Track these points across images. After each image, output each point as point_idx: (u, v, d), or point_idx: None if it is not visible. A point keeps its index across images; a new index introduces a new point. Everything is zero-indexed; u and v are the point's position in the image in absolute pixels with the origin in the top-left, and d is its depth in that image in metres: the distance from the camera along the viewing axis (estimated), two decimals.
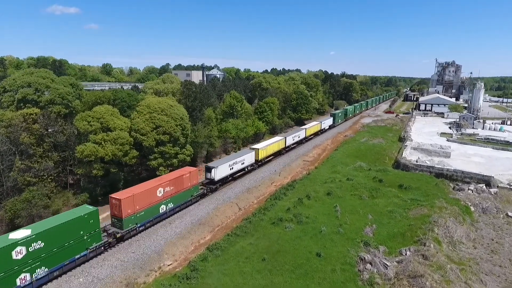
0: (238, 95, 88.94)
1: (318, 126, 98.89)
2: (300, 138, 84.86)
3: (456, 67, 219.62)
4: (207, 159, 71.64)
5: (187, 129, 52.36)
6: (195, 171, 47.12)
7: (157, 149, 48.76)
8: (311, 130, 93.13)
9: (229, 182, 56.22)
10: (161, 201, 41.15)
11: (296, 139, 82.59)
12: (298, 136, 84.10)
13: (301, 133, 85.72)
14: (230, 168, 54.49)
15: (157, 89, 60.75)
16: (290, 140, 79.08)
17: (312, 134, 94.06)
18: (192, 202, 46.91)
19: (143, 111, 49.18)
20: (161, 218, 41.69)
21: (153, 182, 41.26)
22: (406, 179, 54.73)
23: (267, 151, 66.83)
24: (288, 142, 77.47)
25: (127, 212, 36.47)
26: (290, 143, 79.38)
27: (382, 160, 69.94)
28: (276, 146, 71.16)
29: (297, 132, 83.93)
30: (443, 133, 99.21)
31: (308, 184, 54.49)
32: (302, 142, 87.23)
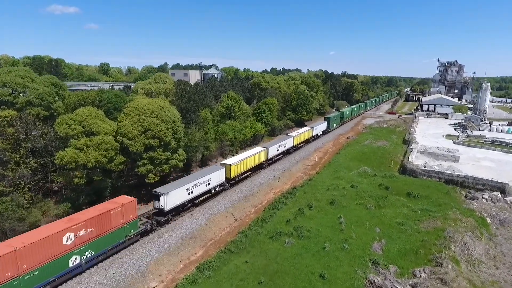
0: (235, 96, 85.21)
1: (309, 133, 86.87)
2: (286, 147, 73.53)
3: (459, 67, 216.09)
4: (203, 164, 67.91)
5: (179, 132, 48.57)
6: (131, 203, 35.48)
7: (146, 155, 44.95)
8: (301, 137, 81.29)
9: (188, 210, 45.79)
10: (72, 250, 29.53)
11: (281, 149, 71.07)
12: (285, 145, 72.57)
13: (287, 142, 74.05)
14: (188, 193, 43.54)
15: (148, 89, 57.03)
16: (274, 151, 67.50)
17: (302, 142, 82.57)
18: (127, 244, 35.48)
19: (131, 113, 45.38)
20: (74, 273, 30.19)
21: (58, 225, 29.65)
22: (415, 186, 50.99)
23: (242, 166, 55.59)
24: (271, 153, 65.89)
25: (5, 276, 24.93)
26: (274, 155, 67.78)
27: (387, 164, 66.20)
28: (255, 159, 59.85)
29: (282, 141, 71.69)
30: (449, 135, 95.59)
31: (309, 191, 50.74)
32: (289, 152, 76.16)
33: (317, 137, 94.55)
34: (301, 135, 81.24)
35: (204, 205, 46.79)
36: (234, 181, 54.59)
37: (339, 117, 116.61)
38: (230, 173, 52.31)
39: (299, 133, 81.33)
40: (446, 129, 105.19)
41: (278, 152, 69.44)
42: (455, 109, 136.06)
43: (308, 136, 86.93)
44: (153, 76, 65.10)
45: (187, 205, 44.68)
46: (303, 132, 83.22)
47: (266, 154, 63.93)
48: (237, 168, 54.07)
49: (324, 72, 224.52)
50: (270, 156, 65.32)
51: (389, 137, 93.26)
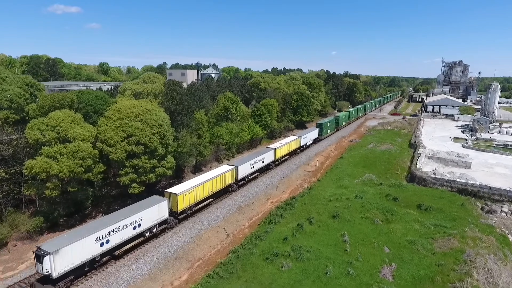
0: (232, 96, 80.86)
1: (295, 143, 73.96)
2: (265, 163, 59.99)
3: (464, 67, 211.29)
4: (196, 169, 63.62)
5: (167, 137, 44.25)
6: None
7: (129, 163, 40.68)
8: (284, 149, 68.43)
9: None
10: None
11: (258, 165, 57.34)
12: (262, 160, 58.77)
13: (266, 156, 60.43)
14: (100, 243, 30.44)
15: (136, 90, 52.75)
16: (246, 169, 53.76)
17: (286, 154, 69.82)
18: None
19: (113, 117, 41.11)
20: None
21: None
22: (426, 197, 46.52)
23: (196, 194, 42.15)
24: (242, 172, 52.32)
25: None
26: (247, 174, 54.08)
27: (393, 170, 61.71)
28: (218, 183, 46.60)
29: (259, 156, 58.18)
30: (457, 138, 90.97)
31: (309, 202, 46.35)
32: (269, 168, 63.07)
33: (307, 147, 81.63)
34: (284, 146, 68.33)
35: (193, 218, 42.41)
36: (185, 214, 41.47)
37: (333, 122, 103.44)
38: (177, 205, 39.28)
39: (282, 144, 68.28)
40: (453, 132, 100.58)
41: (253, 169, 56.22)
42: (462, 110, 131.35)
43: (295, 147, 74.13)
44: (141, 76, 61.02)
45: (100, 260, 31.34)
46: (288, 142, 70.42)
47: (235, 174, 51.14)
48: (188, 198, 41.10)
49: (326, 72, 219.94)
50: (240, 176, 52.00)
51: (394, 140, 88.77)
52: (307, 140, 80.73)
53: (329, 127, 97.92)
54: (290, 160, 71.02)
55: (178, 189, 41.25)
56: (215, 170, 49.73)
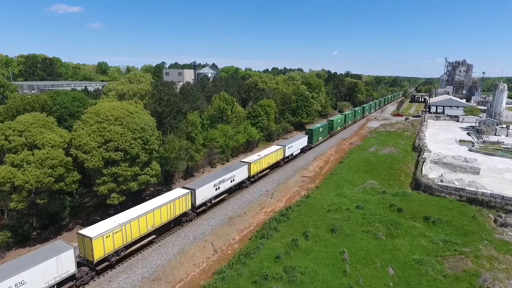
0: (228, 97, 77.28)
1: (278, 154, 62.87)
2: (235, 181, 49.40)
3: (467, 67, 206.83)
4: (187, 175, 59.93)
5: (151, 142, 40.59)
6: None
7: (107, 171, 37.03)
8: (264, 162, 57.27)
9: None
10: None
11: (224, 186, 46.68)
12: (232, 178, 48.24)
13: (238, 173, 49.89)
14: None
15: (120, 91, 49.15)
16: (208, 192, 43.28)
17: (266, 168, 59.01)
18: None
19: (90, 120, 37.51)
20: None
21: None
22: (433, 207, 42.69)
23: (123, 235, 31.52)
24: (202, 196, 42.08)
25: None
26: (209, 197, 43.58)
27: (397, 176, 57.91)
28: (162, 214, 35.92)
29: (226, 174, 47.18)
30: (462, 140, 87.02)
31: (306, 213, 42.58)
32: (243, 186, 52.46)
33: (293, 157, 70.92)
34: (263, 159, 57.11)
35: (177, 232, 38.71)
36: (109, 263, 31.15)
37: (326, 128, 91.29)
38: (93, 253, 28.44)
39: (260, 156, 56.89)
40: (458, 134, 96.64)
41: (218, 191, 45.40)
42: (466, 111, 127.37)
43: (277, 159, 63.03)
44: (127, 75, 57.35)
45: None
46: (267, 154, 59.01)
47: (191, 200, 40.61)
48: (113, 241, 30.36)
49: (327, 72, 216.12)
50: (200, 202, 41.79)
51: (396, 142, 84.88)
52: (293, 149, 69.78)
53: (321, 133, 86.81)
54: (288, 164, 67.24)
55: (97, 229, 29.92)
56: (164, 196, 38.83)
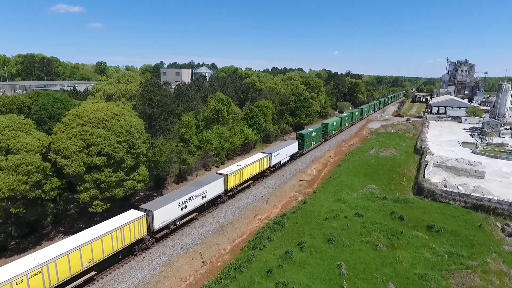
0: (224, 97, 75.07)
1: (263, 163, 55.72)
2: (208, 197, 42.45)
3: (470, 67, 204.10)
4: (180, 179, 57.60)
5: (137, 146, 38.27)
6: None
7: (89, 177, 34.73)
8: (244, 173, 50.33)
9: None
10: None
11: (194, 204, 39.82)
12: (203, 194, 41.42)
13: (211, 187, 43.02)
14: None
15: (108, 92, 46.82)
16: (170, 212, 36.26)
17: (247, 179, 52.13)
18: None
19: (71, 123, 35.22)
20: None
21: None
22: (436, 215, 40.31)
23: (44, 279, 24.75)
24: (162, 219, 35.16)
25: None
26: (172, 219, 36.57)
27: (398, 180, 55.49)
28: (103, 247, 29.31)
29: (197, 189, 40.51)
30: (465, 142, 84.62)
31: (302, 221, 40.25)
32: (218, 202, 45.56)
33: (281, 165, 63.91)
34: (244, 170, 50.07)
35: (164, 242, 36.35)
36: None
37: (319, 132, 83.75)
38: None
39: (241, 167, 49.82)
40: (461, 135, 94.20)
41: (185, 211, 38.51)
42: (469, 112, 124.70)
43: (262, 168, 55.90)
44: (116, 75, 55.02)
45: None
46: (249, 164, 51.84)
47: (147, 223, 34.02)
48: None
49: (327, 72, 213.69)
50: (159, 225, 34.94)
51: (398, 144, 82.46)
52: (280, 157, 62.29)
53: (314, 137, 79.74)
54: (285, 168, 64.86)
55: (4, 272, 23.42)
56: (112, 221, 31.97)
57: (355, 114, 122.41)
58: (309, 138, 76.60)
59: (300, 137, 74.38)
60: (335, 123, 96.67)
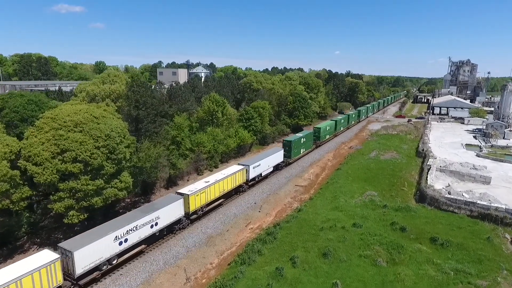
0: (219, 98, 72.34)
1: (238, 177, 48.10)
2: (160, 224, 35.03)
3: (472, 67, 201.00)
4: (170, 183, 54.86)
5: (119, 151, 35.55)
6: None
7: (64, 185, 32.01)
8: (214, 190, 42.73)
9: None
10: None
11: (139, 236, 32.69)
12: (153, 222, 34.03)
13: (164, 212, 35.44)
14: None
15: (91, 92, 44.06)
16: (103, 251, 29.17)
17: (217, 198, 44.04)
18: None
19: (45, 127, 32.53)
20: None
21: None
22: (440, 226, 37.48)
23: None
24: (84, 263, 27.51)
25: None
26: (102, 260, 29.11)
27: (399, 186, 52.68)
28: None
29: (145, 216, 33.10)
30: (469, 144, 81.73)
31: (296, 231, 37.47)
32: (175, 229, 38.02)
33: (262, 178, 55.80)
34: (211, 187, 42.12)
35: (145, 256, 33.55)
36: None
37: (310, 138, 75.50)
38: None
39: (208, 183, 41.94)
40: (464, 137, 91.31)
41: (123, 246, 30.96)
42: (472, 113, 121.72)
43: (236, 183, 48.09)
44: (100, 75, 52.25)
45: None
46: (220, 179, 43.91)
47: (60, 270, 26.55)
48: None
49: (327, 72, 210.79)
50: (82, 270, 27.52)
51: (399, 147, 79.61)
52: (261, 168, 54.25)
53: (303, 144, 71.49)
54: (280, 172, 62.08)
55: None
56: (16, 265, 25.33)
57: (352, 117, 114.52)
58: (297, 145, 68.56)
59: (286, 144, 65.98)
60: (328, 127, 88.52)
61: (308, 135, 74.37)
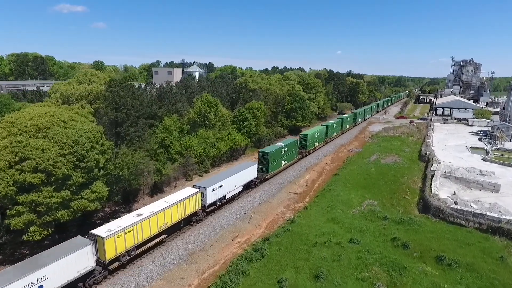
0: (211, 99, 68.85)
1: (189, 203, 37.64)
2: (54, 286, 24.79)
3: (475, 66, 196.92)
4: (156, 190, 51.25)
5: (89, 159, 31.96)
6: None
7: (22, 198, 28.43)
8: (150, 226, 32.43)
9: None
10: None
11: None
12: (37, 285, 23.56)
13: (59, 267, 25.11)
14: None
15: (64, 93, 40.45)
16: None
17: (154, 235, 33.42)
18: None
19: (2, 132, 28.96)
20: None
21: None
22: (447, 241, 33.70)
23: None
24: None
25: None
26: None
27: (401, 194, 48.94)
28: None
29: (23, 276, 22.70)
30: (474, 147, 77.86)
31: (287, 247, 33.80)
32: None
33: (226, 201, 45.54)
34: (146, 221, 32.11)
35: (114, 279, 29.84)
36: None
37: (294, 146, 64.42)
38: None
39: (141, 217, 31.94)
40: (469, 139, 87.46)
41: None
42: (477, 113, 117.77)
43: (187, 212, 37.56)
44: (76, 74, 48.55)
45: None
46: (162, 209, 33.91)
47: None
48: None
49: (328, 71, 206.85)
50: None
51: (400, 150, 75.81)
52: (225, 190, 43.70)
53: (284, 155, 59.87)
54: (275, 177, 58.37)
55: None
56: None
57: (346, 120, 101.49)
58: (277, 157, 57.01)
59: (262, 156, 54.75)
60: (317, 133, 77.20)
61: (291, 144, 63.11)
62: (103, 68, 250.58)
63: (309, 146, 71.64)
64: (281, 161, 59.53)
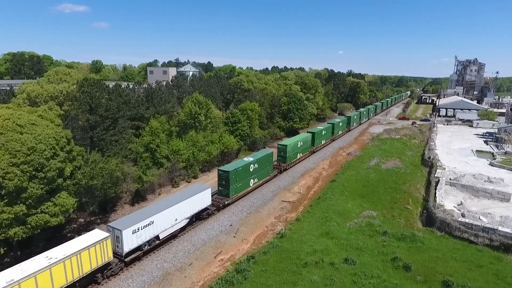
0: (202, 99, 65.02)
1: (94, 254, 26.75)
2: None
3: (479, 66, 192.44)
4: (138, 199, 47.47)
5: (49, 167, 28.21)
6: None
7: None
8: None
9: None
10: None
11: None
12: None
13: None
14: None
15: (31, 93, 36.70)
16: None
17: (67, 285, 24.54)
18: None
19: None
20: None
21: None
22: (456, 264, 29.76)
23: None
24: None
25: None
26: None
27: (402, 203, 45.04)
28: None
29: None
30: (480, 151, 73.99)
31: (274, 267, 29.97)
32: None
33: (162, 241, 34.25)
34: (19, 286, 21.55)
35: None
36: None
37: (268, 160, 53.15)
38: None
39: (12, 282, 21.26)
40: (474, 142, 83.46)
41: None
42: (481, 115, 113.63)
43: (88, 268, 26.56)
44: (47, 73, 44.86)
45: None
46: (46, 267, 23.35)
47: None
48: None
49: (329, 71, 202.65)
50: None
51: (402, 153, 71.91)
52: (158, 228, 32.78)
53: (254, 172, 49.08)
54: (267, 184, 54.52)
55: None
56: None
57: (337, 125, 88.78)
58: (242, 176, 46.12)
59: (223, 176, 43.95)
60: (301, 143, 64.64)
61: (264, 158, 51.71)
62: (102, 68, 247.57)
63: (289, 158, 60.26)
64: (249, 180, 48.45)
